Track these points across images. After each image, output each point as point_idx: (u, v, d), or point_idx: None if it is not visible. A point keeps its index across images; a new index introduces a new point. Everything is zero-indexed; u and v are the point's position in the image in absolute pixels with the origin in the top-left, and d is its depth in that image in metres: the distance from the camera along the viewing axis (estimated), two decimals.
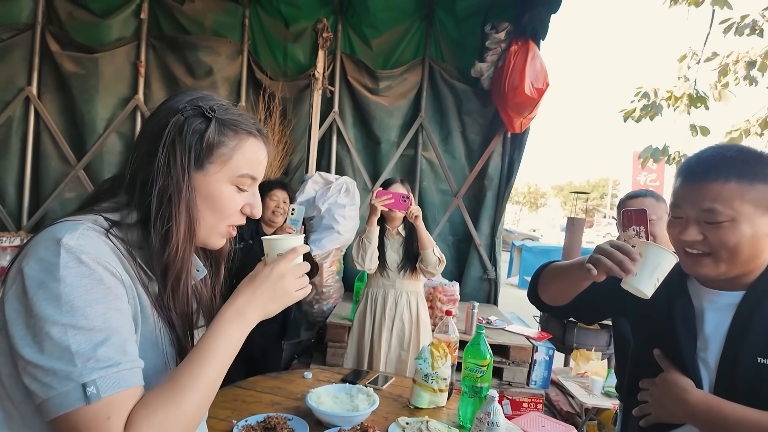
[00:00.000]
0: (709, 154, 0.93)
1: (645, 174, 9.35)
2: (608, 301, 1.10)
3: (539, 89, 3.35)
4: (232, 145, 0.72)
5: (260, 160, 0.76)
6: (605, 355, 3.29)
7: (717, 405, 0.88)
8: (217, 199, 0.72)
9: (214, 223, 0.73)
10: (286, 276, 0.73)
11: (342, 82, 3.92)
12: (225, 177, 0.72)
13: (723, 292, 0.94)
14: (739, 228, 0.87)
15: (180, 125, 0.69)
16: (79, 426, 0.55)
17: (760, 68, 4.74)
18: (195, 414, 0.62)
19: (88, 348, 0.56)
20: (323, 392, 1.51)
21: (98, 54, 3.57)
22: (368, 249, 2.26)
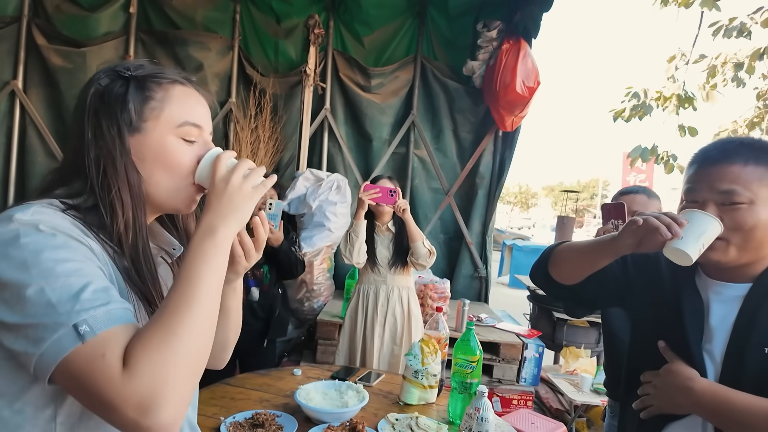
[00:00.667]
0: (726, 140, 0.94)
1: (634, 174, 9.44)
2: (616, 286, 1.08)
3: (530, 88, 3.36)
4: (159, 97, 0.69)
5: (196, 107, 0.72)
6: (594, 353, 3.31)
7: (724, 393, 0.87)
8: (163, 154, 0.69)
9: (173, 183, 0.71)
10: (230, 179, 0.67)
11: (334, 79, 3.90)
12: (164, 130, 0.69)
13: (729, 284, 0.94)
14: (756, 211, 0.87)
15: (99, 94, 0.67)
16: (78, 370, 0.51)
17: (748, 70, 4.80)
18: (194, 342, 0.57)
19: (71, 295, 0.53)
20: (312, 389, 1.50)
21: (86, 48, 3.51)
22: (356, 243, 2.27)
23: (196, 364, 0.57)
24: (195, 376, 0.57)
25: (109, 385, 0.51)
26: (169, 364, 0.53)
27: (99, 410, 0.53)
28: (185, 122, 0.70)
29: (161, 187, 0.70)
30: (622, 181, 9.00)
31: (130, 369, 0.51)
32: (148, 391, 0.51)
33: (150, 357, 0.52)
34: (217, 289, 0.63)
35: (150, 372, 0.52)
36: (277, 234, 2.28)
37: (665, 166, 4.60)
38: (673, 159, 4.59)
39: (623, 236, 0.91)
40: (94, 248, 0.61)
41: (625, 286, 1.07)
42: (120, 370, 0.51)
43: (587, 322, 3.27)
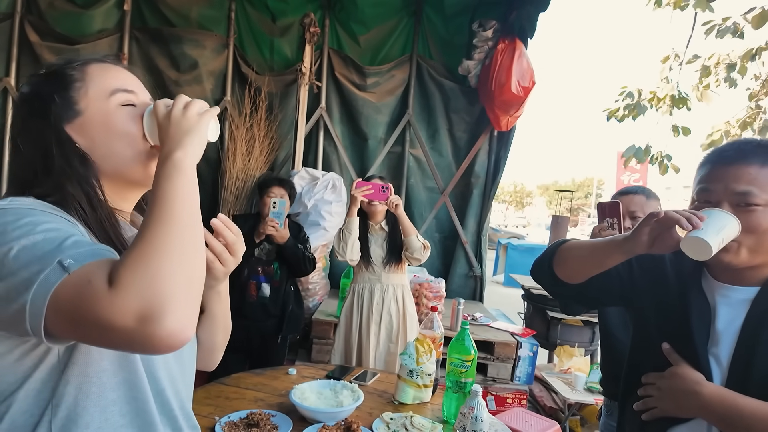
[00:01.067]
0: (743, 141, 0.93)
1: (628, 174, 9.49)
2: (621, 286, 1.07)
3: (526, 88, 3.37)
4: (80, 77, 0.70)
5: (119, 75, 0.73)
6: (588, 351, 3.33)
7: (732, 398, 0.86)
8: (109, 124, 0.70)
9: (130, 149, 0.71)
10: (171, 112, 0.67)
11: (329, 77, 3.89)
12: (99, 103, 0.70)
13: (737, 287, 0.92)
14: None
15: (24, 99, 0.70)
16: (68, 301, 0.51)
17: (740, 71, 4.84)
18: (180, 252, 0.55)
19: (54, 245, 0.54)
20: (307, 388, 1.50)
21: (80, 45, 3.49)
22: (348, 239, 2.28)
23: (190, 271, 0.55)
24: (193, 284, 0.55)
25: (99, 305, 0.49)
26: (158, 275, 0.51)
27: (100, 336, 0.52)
28: (115, 89, 0.71)
29: (121, 157, 0.70)
30: (616, 180, 9.05)
31: (116, 286, 0.50)
32: (142, 301, 0.50)
33: (135, 271, 0.51)
34: (191, 207, 0.60)
35: (138, 285, 0.50)
36: (282, 232, 2.29)
37: (660, 167, 4.63)
38: (668, 159, 4.61)
39: (638, 233, 0.89)
40: (73, 222, 0.62)
41: (630, 287, 1.06)
42: (106, 289, 0.50)
43: (581, 321, 3.29)
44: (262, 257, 2.41)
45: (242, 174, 3.62)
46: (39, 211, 0.59)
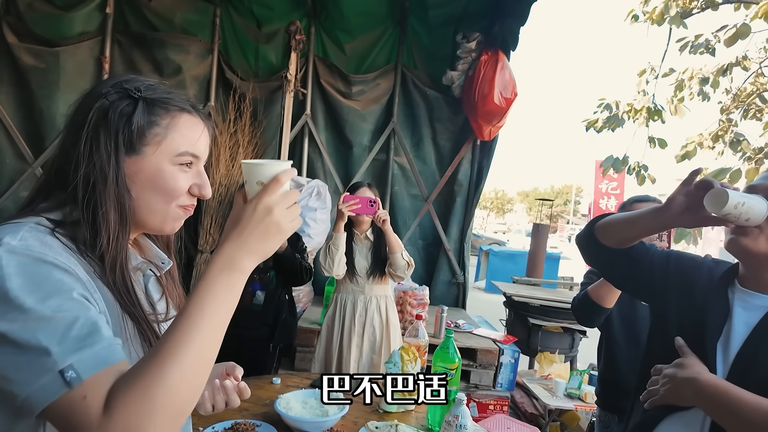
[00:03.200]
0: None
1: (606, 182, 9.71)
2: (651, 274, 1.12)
3: (508, 99, 3.44)
4: (165, 124, 0.69)
5: (198, 137, 0.72)
6: (568, 358, 3.39)
7: (725, 387, 0.89)
8: (159, 180, 0.69)
9: (164, 206, 0.70)
10: (273, 209, 0.62)
11: (314, 85, 3.91)
12: (163, 157, 0.69)
13: (758, 294, 0.97)
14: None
15: (104, 110, 0.66)
16: (60, 411, 0.51)
17: (713, 84, 5.01)
18: (183, 389, 0.53)
19: (57, 334, 0.52)
20: (292, 398, 1.50)
21: (59, 48, 3.43)
22: (335, 255, 2.24)
23: (181, 410, 0.55)
24: (178, 420, 0.55)
25: (88, 428, 0.50)
26: (150, 410, 0.51)
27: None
28: (185, 152, 0.70)
29: (151, 209, 0.70)
30: (594, 188, 9.23)
31: (108, 413, 0.50)
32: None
33: (129, 403, 0.51)
34: (222, 327, 0.60)
35: (128, 418, 0.50)
36: None
37: (637, 177, 4.76)
38: (644, 170, 4.74)
39: (671, 202, 0.97)
40: (80, 274, 0.60)
41: (661, 279, 1.10)
42: (99, 414, 0.50)
43: (561, 327, 3.36)
44: (259, 264, 2.40)
45: (226, 180, 3.59)
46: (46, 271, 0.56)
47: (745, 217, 0.91)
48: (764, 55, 5.16)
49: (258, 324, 2.42)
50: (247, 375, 1.89)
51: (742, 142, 4.97)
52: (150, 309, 0.73)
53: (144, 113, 0.67)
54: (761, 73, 5.42)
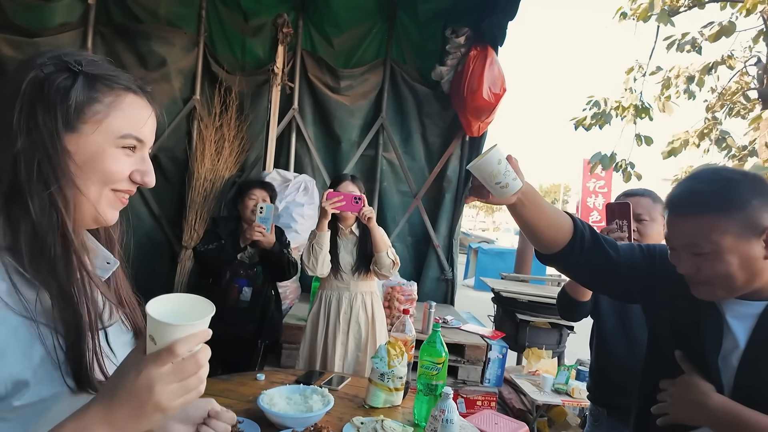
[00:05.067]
0: (684, 188, 0.95)
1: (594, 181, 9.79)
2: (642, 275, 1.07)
3: (497, 94, 3.43)
4: (107, 102, 0.63)
5: (144, 120, 0.66)
6: (555, 354, 3.40)
7: (738, 411, 0.87)
8: (98, 161, 0.62)
9: (98, 189, 0.64)
10: (155, 386, 0.52)
11: (302, 79, 3.86)
12: (104, 138, 0.63)
13: (746, 302, 0.93)
14: (725, 258, 0.88)
15: (39, 81, 0.60)
16: None
17: (698, 83, 5.07)
18: None
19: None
20: (276, 394, 1.47)
21: (39, 39, 3.33)
22: (319, 255, 2.16)
23: None
24: None
25: None
26: None
27: None
28: (128, 135, 0.64)
29: (89, 194, 0.63)
30: (582, 187, 9.29)
31: None
32: None
33: None
34: None
35: None
36: (269, 237, 2.24)
37: (623, 174, 4.79)
38: (631, 167, 4.78)
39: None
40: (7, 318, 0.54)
41: (649, 279, 1.06)
42: None
43: (549, 323, 3.36)
44: (245, 260, 2.36)
45: (211, 175, 3.54)
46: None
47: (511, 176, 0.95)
48: (749, 53, 5.23)
49: (245, 321, 2.38)
50: (231, 372, 1.87)
51: (727, 139, 5.03)
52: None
53: (84, 88, 0.62)
54: (745, 71, 5.49)
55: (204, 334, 0.55)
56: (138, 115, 0.66)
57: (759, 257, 0.87)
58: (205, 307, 0.57)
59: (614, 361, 1.63)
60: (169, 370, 0.53)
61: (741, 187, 0.89)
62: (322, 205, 2.13)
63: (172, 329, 0.53)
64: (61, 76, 0.61)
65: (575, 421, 2.99)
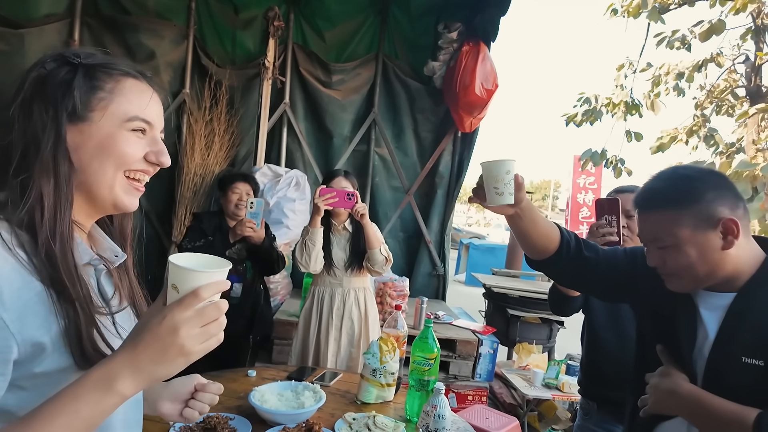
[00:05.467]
0: (647, 186, 1.02)
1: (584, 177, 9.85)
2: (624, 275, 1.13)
3: (489, 90, 3.43)
4: (109, 89, 0.66)
5: (148, 103, 0.69)
6: (546, 348, 3.43)
7: (703, 397, 0.91)
8: (110, 145, 0.65)
9: (113, 173, 0.66)
10: (180, 329, 0.55)
11: (293, 73, 3.83)
12: (112, 123, 0.65)
13: (717, 294, 0.97)
14: (684, 251, 0.93)
15: (41, 78, 0.63)
16: None
17: (688, 80, 5.12)
18: None
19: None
20: (267, 390, 1.46)
21: (24, 30, 3.25)
22: (312, 251, 2.15)
23: None
24: None
25: None
26: None
27: None
28: (135, 117, 0.67)
29: (99, 178, 0.66)
30: (572, 183, 9.35)
31: None
32: None
33: None
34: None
35: None
36: (259, 232, 2.22)
37: (614, 170, 4.83)
38: (621, 163, 4.82)
39: None
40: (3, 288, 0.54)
41: (631, 277, 1.11)
42: None
43: (539, 318, 3.38)
44: (233, 256, 2.34)
45: (200, 169, 3.50)
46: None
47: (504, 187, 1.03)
48: (737, 51, 5.28)
49: (236, 317, 2.35)
50: (224, 369, 1.85)
51: (715, 137, 5.08)
52: (101, 303, 0.68)
53: (85, 78, 0.64)
54: (734, 69, 5.55)
55: (223, 284, 0.59)
56: (140, 97, 0.68)
57: (716, 248, 0.92)
58: (222, 261, 0.63)
59: (605, 355, 1.64)
60: (192, 315, 0.56)
61: (696, 182, 0.95)
62: (314, 202, 2.12)
63: (196, 275, 0.57)
64: (63, 70, 0.64)
65: (565, 416, 3.02)
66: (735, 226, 0.91)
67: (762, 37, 4.87)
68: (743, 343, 0.90)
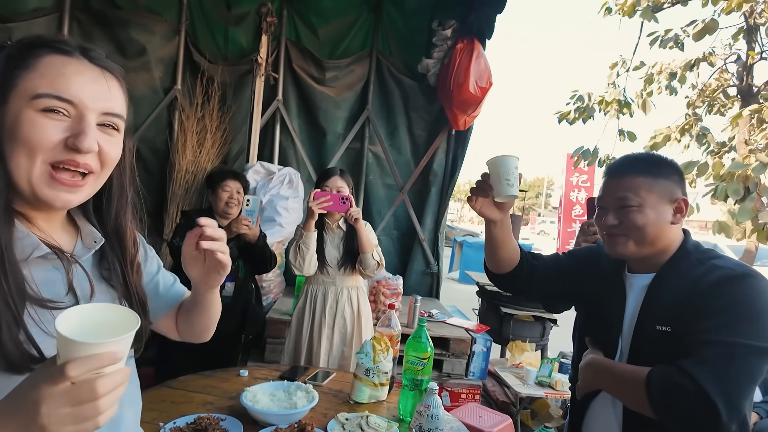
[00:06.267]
0: (625, 157, 1.17)
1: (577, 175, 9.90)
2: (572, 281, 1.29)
3: (483, 88, 3.42)
4: (26, 65, 0.59)
5: (64, 75, 0.60)
6: (539, 346, 3.44)
7: (609, 364, 1.08)
8: (16, 128, 0.58)
9: (27, 162, 0.59)
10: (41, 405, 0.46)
11: (286, 69, 3.80)
12: (18, 102, 0.59)
13: (641, 275, 1.12)
14: (645, 212, 1.07)
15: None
16: None
17: (680, 79, 5.14)
18: None
19: None
20: (259, 390, 1.45)
21: (12, 24, 3.20)
22: (306, 255, 2.13)
23: None
24: None
25: None
26: None
27: None
28: (44, 94, 0.59)
29: (14, 166, 0.59)
30: (565, 181, 9.39)
31: None
32: None
33: None
34: None
35: None
36: (254, 230, 2.20)
37: None
38: None
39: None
40: None
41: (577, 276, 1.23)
42: None
43: (532, 317, 3.39)
44: None
45: (192, 167, 3.46)
46: None
47: (511, 180, 1.12)
48: (729, 51, 5.31)
49: (228, 316, 2.33)
50: (216, 368, 1.84)
51: (707, 136, 5.11)
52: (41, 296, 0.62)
53: (9, 58, 0.60)
54: (725, 69, 5.58)
55: (109, 357, 0.48)
56: (57, 71, 0.60)
57: (667, 220, 1.09)
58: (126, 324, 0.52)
59: None
60: (61, 392, 0.47)
61: (668, 165, 1.12)
62: (308, 205, 2.09)
63: (72, 346, 0.47)
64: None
65: (557, 413, 3.02)
66: (685, 207, 1.09)
67: (754, 36, 4.90)
68: (657, 314, 1.04)
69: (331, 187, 2.18)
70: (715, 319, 0.94)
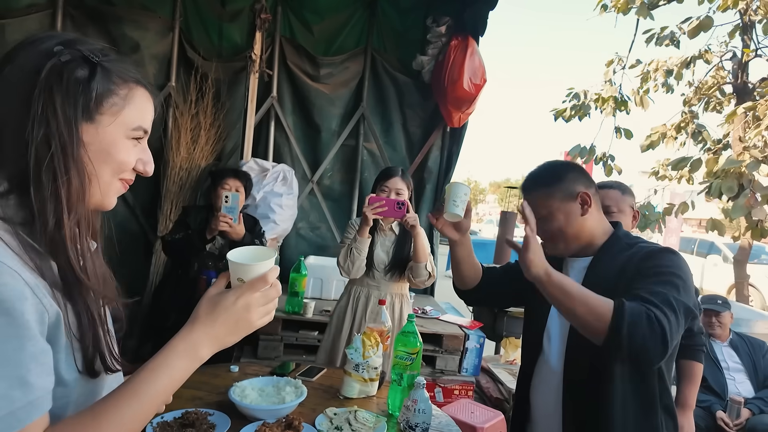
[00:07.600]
0: (529, 174, 1.32)
1: None
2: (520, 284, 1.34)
3: (477, 85, 3.42)
4: (123, 95, 0.66)
5: (150, 112, 0.72)
6: None
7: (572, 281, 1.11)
8: (113, 153, 0.66)
9: (110, 179, 0.68)
10: (252, 308, 0.70)
11: (281, 66, 3.79)
12: (119, 129, 0.66)
13: (579, 259, 1.28)
14: (556, 217, 1.22)
15: (58, 71, 0.60)
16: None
17: (676, 77, 5.15)
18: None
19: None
20: (248, 385, 1.45)
21: (5, 21, 3.19)
22: (356, 260, 2.07)
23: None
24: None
25: None
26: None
27: None
28: (139, 127, 0.69)
29: (101, 182, 0.67)
30: None
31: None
32: None
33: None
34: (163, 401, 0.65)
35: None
36: (236, 227, 2.18)
37: (604, 167, 4.86)
38: (611, 159, 4.84)
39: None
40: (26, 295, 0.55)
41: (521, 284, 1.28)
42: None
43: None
44: (215, 252, 2.31)
45: (186, 164, 3.45)
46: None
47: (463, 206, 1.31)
48: (725, 48, 5.32)
49: None
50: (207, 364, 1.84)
51: (703, 133, 5.12)
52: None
53: (103, 80, 0.64)
54: (721, 66, 5.59)
55: (277, 270, 0.74)
56: (146, 107, 0.71)
57: (578, 215, 1.21)
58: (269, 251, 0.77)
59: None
60: (259, 296, 0.71)
61: (559, 168, 1.26)
62: (363, 211, 2.03)
63: (258, 266, 0.72)
64: (80, 66, 0.62)
65: None
66: (589, 198, 1.22)
67: (749, 34, 4.91)
68: (596, 288, 1.09)
69: (391, 188, 2.11)
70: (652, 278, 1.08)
